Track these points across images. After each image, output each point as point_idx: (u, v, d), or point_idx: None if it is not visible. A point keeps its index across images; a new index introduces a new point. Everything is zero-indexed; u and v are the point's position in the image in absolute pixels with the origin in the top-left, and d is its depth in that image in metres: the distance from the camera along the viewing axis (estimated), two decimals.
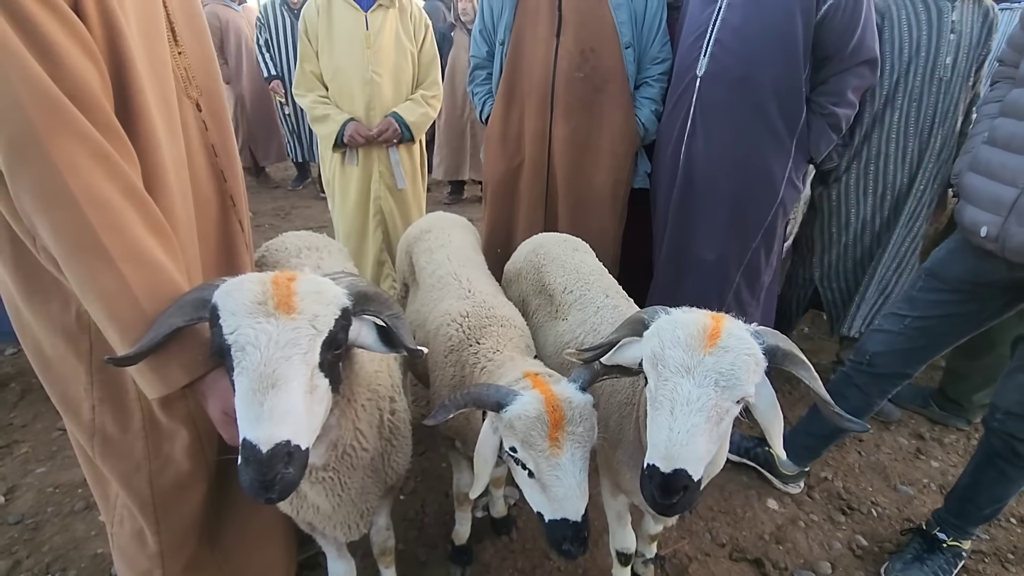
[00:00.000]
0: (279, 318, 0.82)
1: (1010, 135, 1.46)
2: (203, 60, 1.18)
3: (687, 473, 0.87)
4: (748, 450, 2.23)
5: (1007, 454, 1.59)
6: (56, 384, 1.12)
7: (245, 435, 0.78)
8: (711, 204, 2.10)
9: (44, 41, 0.79)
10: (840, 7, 1.79)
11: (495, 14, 2.22)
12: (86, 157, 0.83)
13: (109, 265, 0.85)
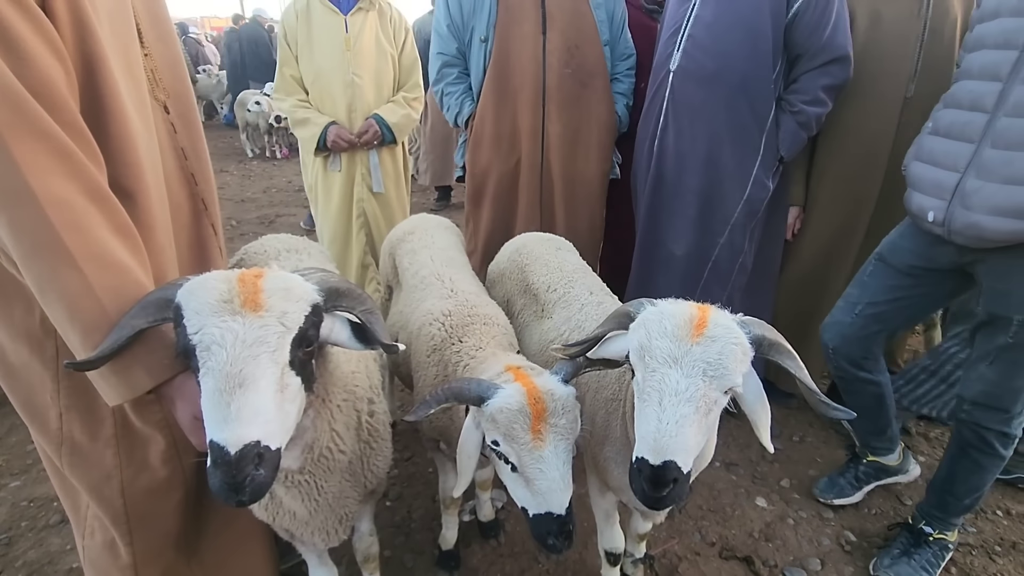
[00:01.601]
0: (245, 316, 0.79)
1: (950, 123, 1.51)
2: (170, 62, 1.16)
3: (676, 465, 0.85)
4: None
5: (978, 443, 1.61)
6: (21, 392, 1.07)
7: (212, 437, 0.75)
8: (680, 199, 2.12)
9: (9, 37, 0.77)
10: (810, 6, 1.82)
11: (465, 11, 2.19)
12: (48, 155, 0.80)
13: (70, 265, 0.81)
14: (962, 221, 1.42)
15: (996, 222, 1.37)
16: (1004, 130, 1.37)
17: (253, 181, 7.18)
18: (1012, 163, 1.34)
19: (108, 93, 0.91)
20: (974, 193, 1.41)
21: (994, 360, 1.53)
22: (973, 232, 1.42)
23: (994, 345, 1.52)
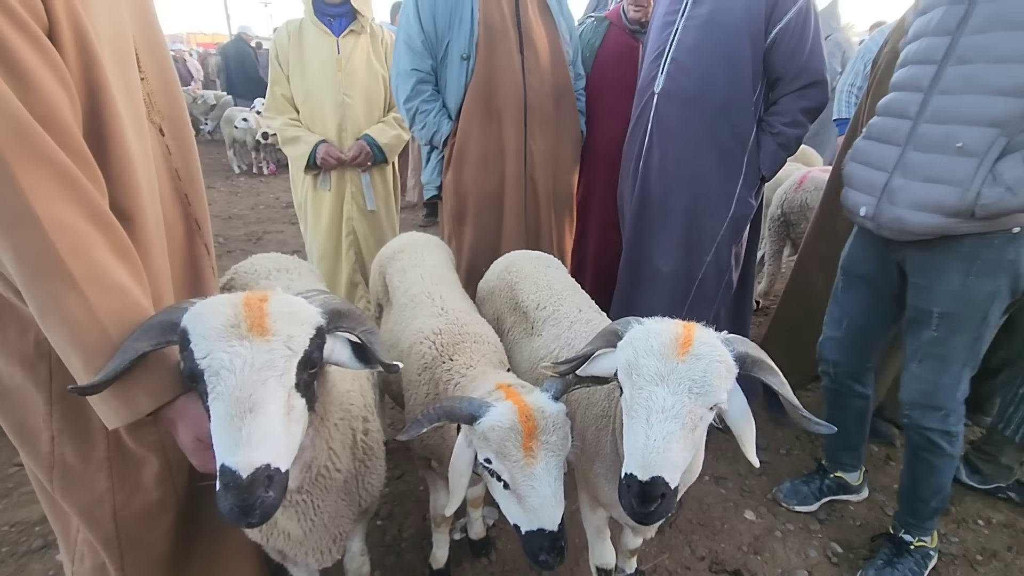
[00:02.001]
0: (253, 340, 0.81)
1: (881, 129, 1.65)
2: (165, 86, 1.18)
3: (664, 480, 0.88)
4: None
5: (926, 445, 1.69)
6: (12, 414, 1.07)
7: (224, 461, 0.76)
8: (666, 217, 2.17)
9: (18, 66, 0.78)
10: (788, 31, 1.89)
11: (440, 27, 2.15)
12: (52, 180, 0.81)
13: (73, 288, 0.82)
14: (888, 215, 1.57)
15: (917, 216, 1.51)
16: (924, 135, 1.51)
17: (240, 198, 7.16)
18: (931, 164, 1.48)
19: (110, 118, 0.93)
20: (899, 190, 1.54)
21: (923, 358, 1.63)
22: (898, 225, 1.55)
23: (921, 341, 1.63)
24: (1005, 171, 1.37)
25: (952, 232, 1.48)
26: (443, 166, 2.37)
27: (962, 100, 1.43)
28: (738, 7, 1.90)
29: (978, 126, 1.40)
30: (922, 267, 1.59)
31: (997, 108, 1.37)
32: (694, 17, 1.97)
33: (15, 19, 0.77)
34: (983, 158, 1.38)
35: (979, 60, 1.41)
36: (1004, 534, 2.05)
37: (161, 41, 1.19)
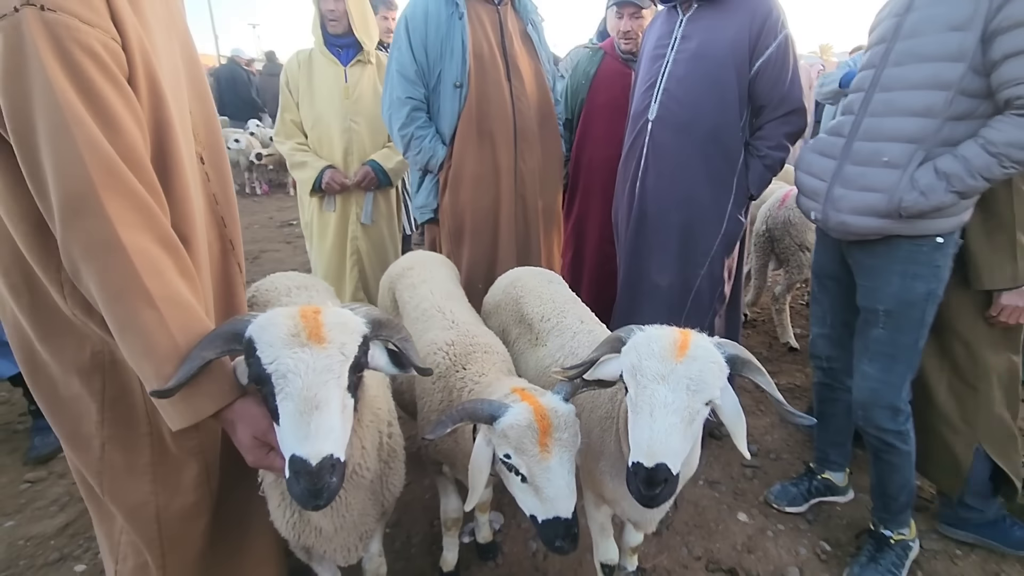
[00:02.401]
0: (312, 348, 0.92)
1: (823, 144, 1.84)
2: (205, 117, 1.29)
3: (667, 467, 0.99)
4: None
5: (882, 447, 1.82)
6: (67, 423, 1.16)
7: (295, 452, 0.87)
8: (663, 235, 2.30)
9: (107, 112, 0.89)
10: (770, 63, 2.05)
11: (431, 57, 2.26)
12: (133, 211, 0.92)
13: (150, 305, 0.92)
14: (834, 220, 1.75)
15: (857, 219, 1.69)
16: (858, 151, 1.71)
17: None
18: (864, 175, 1.68)
19: (173, 152, 1.04)
20: (840, 199, 1.73)
21: (872, 356, 1.78)
22: (843, 228, 1.74)
23: (870, 339, 1.79)
24: (919, 178, 1.57)
25: (888, 232, 1.66)
26: (439, 189, 2.46)
27: (886, 121, 1.65)
28: (724, 42, 2.06)
29: (899, 142, 1.61)
30: (867, 271, 1.78)
31: (913, 127, 1.58)
32: (683, 51, 2.13)
33: (106, 71, 0.89)
34: (905, 169, 1.59)
35: (897, 88, 1.63)
36: None
37: (202, 76, 1.31)
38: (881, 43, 1.69)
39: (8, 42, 0.82)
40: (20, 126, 0.86)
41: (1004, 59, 1.46)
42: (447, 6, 2.23)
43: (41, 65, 0.83)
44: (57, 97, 0.84)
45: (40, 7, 0.82)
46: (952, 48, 1.52)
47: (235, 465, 1.33)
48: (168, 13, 1.16)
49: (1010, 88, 1.47)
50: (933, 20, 1.56)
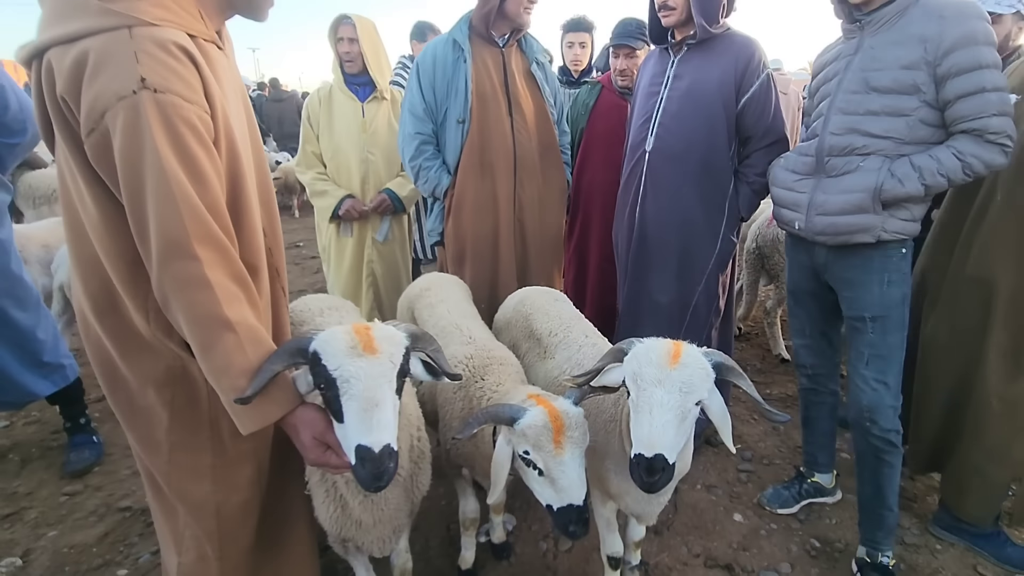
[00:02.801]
0: (368, 357, 1.10)
1: (795, 162, 2.04)
2: (260, 163, 1.48)
3: (664, 457, 1.16)
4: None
5: (886, 447, 1.95)
6: (141, 429, 1.32)
7: (360, 441, 1.05)
8: (662, 255, 2.49)
9: (198, 171, 1.07)
10: (754, 100, 2.26)
11: (439, 96, 2.50)
12: (216, 253, 1.10)
13: (230, 329, 1.09)
14: (822, 223, 1.90)
15: (846, 219, 1.85)
16: (832, 166, 1.88)
17: None
18: (842, 182, 1.85)
19: (245, 197, 1.24)
20: (824, 203, 1.89)
21: (869, 360, 1.94)
22: (832, 229, 1.88)
23: (864, 345, 1.94)
24: (896, 169, 1.76)
25: (870, 227, 1.82)
26: (444, 215, 2.67)
27: (852, 139, 1.82)
28: (712, 81, 2.27)
29: (869, 155, 1.80)
30: (848, 283, 1.95)
31: (879, 144, 1.78)
32: (676, 89, 2.34)
33: (199, 138, 1.08)
34: (880, 170, 1.77)
35: (859, 112, 1.81)
36: None
37: (256, 127, 1.50)
38: (835, 77, 1.88)
39: (127, 118, 1.01)
40: (132, 183, 1.04)
41: (957, 99, 1.68)
42: (453, 51, 2.46)
43: (152, 136, 1.02)
44: (163, 162, 1.03)
45: (153, 90, 1.02)
46: (907, 83, 1.72)
47: (281, 468, 1.50)
48: (235, 76, 1.36)
49: (967, 122, 1.69)
50: (882, 60, 1.76)
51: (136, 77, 1.01)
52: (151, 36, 1.04)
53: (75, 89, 1.03)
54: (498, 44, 2.51)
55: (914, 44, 1.69)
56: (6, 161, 2.44)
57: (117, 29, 1.02)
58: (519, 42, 2.59)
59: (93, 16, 1.02)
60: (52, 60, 1.05)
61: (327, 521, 1.47)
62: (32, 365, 2.51)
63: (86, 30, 1.02)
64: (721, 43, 2.28)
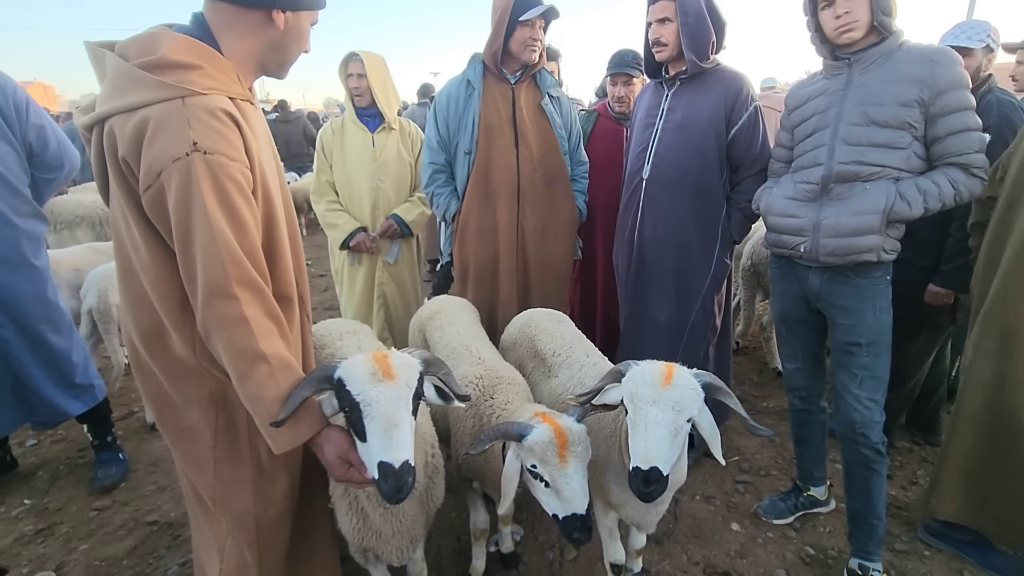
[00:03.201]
0: (386, 383, 1.23)
1: (796, 190, 2.08)
2: (285, 195, 1.62)
3: (659, 469, 1.29)
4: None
5: (876, 457, 2.07)
6: (188, 447, 1.45)
7: (382, 458, 1.17)
8: (660, 277, 2.63)
9: (239, 220, 1.21)
10: (743, 131, 2.41)
11: (451, 130, 2.69)
12: (252, 294, 1.23)
13: (264, 360, 1.22)
14: (831, 245, 1.96)
15: (852, 241, 1.92)
16: (838, 191, 1.96)
17: None
18: (851, 203, 1.92)
19: (278, 237, 1.38)
20: (832, 227, 1.95)
21: (862, 381, 2.05)
22: (842, 250, 1.94)
23: (856, 367, 2.05)
24: (905, 190, 1.86)
25: (876, 251, 1.92)
26: (452, 238, 2.86)
27: (858, 169, 1.91)
28: (704, 113, 2.42)
29: (875, 181, 1.90)
30: (844, 313, 2.05)
31: (883, 173, 1.89)
32: (670, 121, 2.49)
33: (241, 191, 1.22)
34: (887, 192, 1.87)
35: (861, 144, 1.90)
36: None
37: (280, 168, 1.65)
38: (828, 109, 1.97)
39: (181, 176, 1.15)
40: (183, 233, 1.19)
41: (947, 135, 1.82)
42: (466, 89, 2.66)
43: (201, 192, 1.16)
44: (209, 215, 1.17)
45: (203, 152, 1.16)
46: (903, 119, 1.84)
47: (308, 484, 1.63)
48: (263, 125, 1.51)
49: (954, 157, 1.84)
50: (879, 95, 1.87)
51: (189, 141, 1.16)
52: (201, 104, 1.19)
53: (136, 151, 1.18)
54: (509, 80, 2.67)
55: (908, 84, 1.82)
56: (44, 194, 2.60)
57: (172, 100, 1.18)
58: (534, 77, 2.73)
59: (151, 89, 1.17)
60: (114, 127, 1.20)
61: (349, 532, 1.60)
62: (65, 386, 2.65)
63: (145, 101, 1.17)
64: (712, 78, 2.43)
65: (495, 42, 2.57)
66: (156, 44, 1.23)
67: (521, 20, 2.50)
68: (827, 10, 1.91)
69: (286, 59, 1.42)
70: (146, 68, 1.18)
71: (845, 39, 1.90)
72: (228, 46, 1.32)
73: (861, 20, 1.85)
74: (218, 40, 1.31)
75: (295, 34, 1.37)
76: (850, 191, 1.94)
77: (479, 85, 2.64)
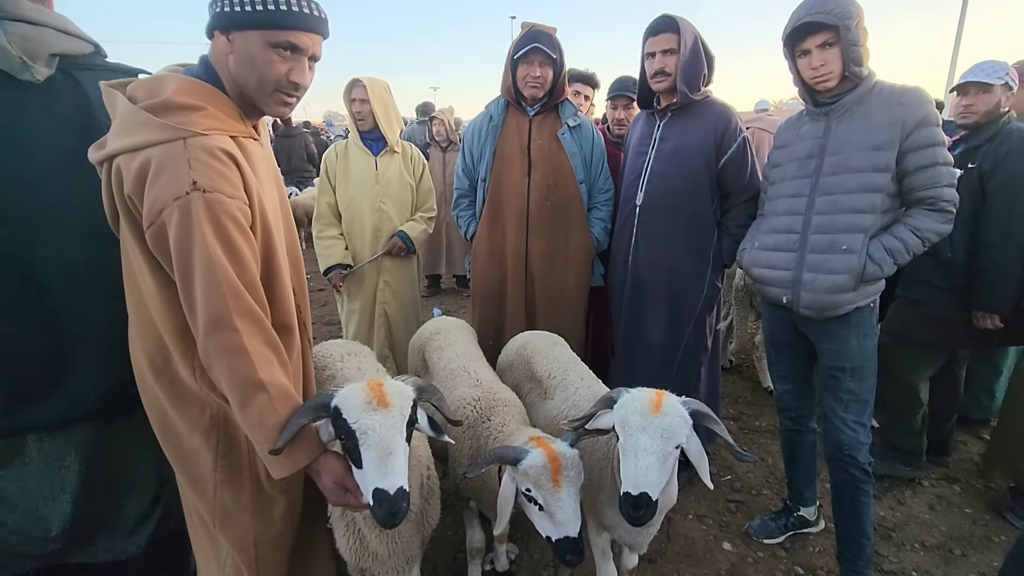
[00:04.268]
0: (381, 411, 1.28)
1: (776, 241, 2.20)
2: (289, 230, 1.67)
3: (648, 495, 1.35)
4: None
5: (864, 477, 2.14)
6: (189, 470, 1.49)
7: (377, 485, 1.21)
8: (654, 300, 2.70)
9: (237, 255, 1.27)
10: (733, 160, 2.49)
11: (475, 157, 2.86)
12: (252, 324, 1.28)
13: (263, 389, 1.27)
14: (808, 299, 2.08)
15: (832, 297, 2.03)
16: (816, 243, 2.06)
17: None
18: (828, 262, 2.03)
19: (276, 268, 1.43)
20: (811, 282, 2.07)
21: (848, 404, 2.12)
22: (819, 305, 2.06)
23: (842, 391, 2.13)
24: (874, 253, 1.96)
25: (852, 303, 2.03)
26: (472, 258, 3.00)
27: (837, 218, 2.01)
28: (695, 143, 2.51)
29: (853, 233, 1.98)
30: (829, 338, 2.14)
31: (861, 221, 1.97)
32: (662, 150, 2.57)
33: (239, 227, 1.28)
34: (860, 253, 1.97)
35: (838, 192, 2.01)
36: (936, 555, 2.48)
37: (285, 198, 1.72)
38: (809, 158, 2.09)
39: (181, 214, 1.21)
40: (183, 267, 1.24)
41: (916, 170, 1.91)
42: (489, 121, 2.83)
43: (201, 229, 1.21)
44: (209, 250, 1.22)
45: (203, 191, 1.22)
46: (880, 162, 1.93)
47: (307, 506, 1.68)
48: (269, 160, 1.58)
49: (921, 191, 1.93)
50: (853, 141, 1.98)
51: (189, 181, 1.21)
52: (201, 145, 1.25)
53: (139, 190, 1.24)
54: (527, 113, 2.79)
55: (882, 128, 1.92)
56: None
57: (174, 141, 1.23)
58: (557, 107, 2.83)
59: (155, 131, 1.23)
60: (120, 165, 1.26)
61: (347, 552, 1.64)
62: None
63: (149, 142, 1.23)
64: (701, 109, 2.52)
65: (506, 79, 2.75)
66: (163, 87, 1.30)
67: (515, 58, 2.66)
68: (804, 59, 2.03)
69: (248, 88, 1.36)
70: (151, 110, 1.24)
71: (820, 88, 2.03)
72: (225, 83, 1.38)
73: (834, 71, 1.97)
74: (221, 79, 1.37)
75: (243, 57, 1.32)
76: (830, 246, 2.03)
77: (498, 118, 2.80)
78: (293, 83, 1.37)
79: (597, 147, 2.87)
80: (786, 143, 2.22)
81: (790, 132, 2.22)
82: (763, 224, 2.31)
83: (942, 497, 2.86)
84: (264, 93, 1.37)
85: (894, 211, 2.01)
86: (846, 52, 1.91)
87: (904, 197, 1.98)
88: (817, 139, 2.08)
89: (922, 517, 2.73)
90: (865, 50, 1.94)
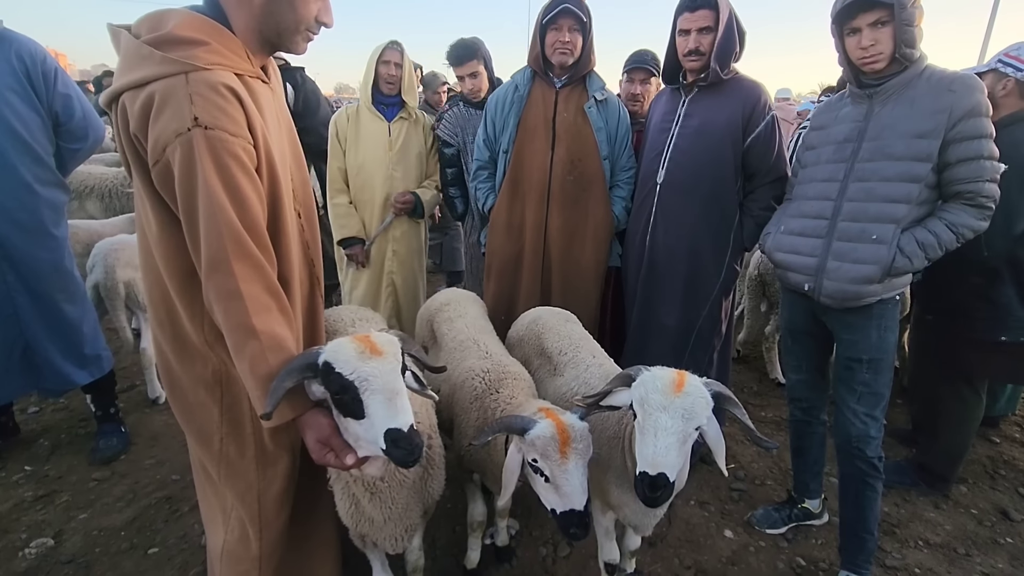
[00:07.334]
0: (376, 359, 1.24)
1: (803, 227, 2.13)
2: (302, 180, 1.61)
3: (666, 475, 1.30)
4: None
5: (872, 472, 2.10)
6: (194, 423, 1.48)
7: (390, 425, 1.18)
8: (670, 282, 2.63)
9: (240, 196, 1.22)
10: (760, 140, 2.41)
11: (497, 128, 2.77)
12: (250, 269, 1.24)
13: (255, 337, 1.23)
14: (831, 288, 2.01)
15: (856, 287, 1.97)
16: (844, 230, 1.99)
17: None
18: (856, 250, 1.96)
19: (282, 216, 1.38)
20: (835, 271, 2.00)
21: (861, 396, 2.07)
22: (841, 295, 2.00)
23: (856, 383, 2.07)
24: (904, 246, 1.88)
25: (876, 295, 1.96)
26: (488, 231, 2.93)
27: (869, 206, 1.93)
28: (721, 121, 2.42)
29: (884, 223, 1.90)
30: (849, 328, 2.07)
31: (895, 211, 1.89)
32: (687, 127, 2.49)
33: (243, 167, 1.23)
34: (891, 244, 1.89)
35: (874, 179, 1.93)
36: (940, 553, 2.45)
37: (299, 149, 1.65)
38: (846, 142, 2.00)
39: (184, 151, 1.17)
40: (187, 206, 1.21)
41: (958, 162, 1.82)
42: (514, 91, 2.73)
43: (203, 167, 1.17)
44: (210, 189, 1.18)
45: (204, 127, 1.17)
46: (922, 151, 1.85)
47: (311, 467, 1.64)
48: (279, 105, 1.52)
49: (961, 184, 1.84)
50: (895, 127, 1.89)
51: (190, 116, 1.17)
52: (204, 80, 1.20)
53: (143, 127, 1.19)
54: (554, 84, 2.69)
55: (928, 115, 1.83)
56: (68, 165, 2.61)
57: (176, 75, 1.18)
58: (584, 80, 2.72)
59: (156, 64, 1.19)
60: (126, 103, 1.21)
61: (345, 516, 1.62)
62: (74, 356, 2.67)
63: (151, 76, 1.18)
64: (729, 85, 2.43)
65: (534, 47, 2.65)
66: (165, 21, 1.25)
67: (544, 23, 2.56)
68: (852, 38, 1.93)
69: (280, 26, 1.36)
70: (153, 44, 1.20)
71: (868, 69, 1.93)
72: (235, 22, 1.33)
73: (885, 52, 1.87)
74: (228, 17, 1.33)
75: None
76: (859, 234, 1.96)
77: (524, 88, 2.70)
78: (321, 23, 1.39)
79: (623, 123, 2.77)
80: (823, 124, 2.13)
81: (829, 113, 2.13)
82: (790, 208, 2.23)
83: (948, 496, 2.82)
84: (297, 31, 1.38)
85: (931, 203, 1.92)
86: (899, 32, 1.81)
87: (942, 189, 1.89)
88: (857, 122, 1.98)
89: (927, 515, 2.69)
90: (919, 30, 1.83)
